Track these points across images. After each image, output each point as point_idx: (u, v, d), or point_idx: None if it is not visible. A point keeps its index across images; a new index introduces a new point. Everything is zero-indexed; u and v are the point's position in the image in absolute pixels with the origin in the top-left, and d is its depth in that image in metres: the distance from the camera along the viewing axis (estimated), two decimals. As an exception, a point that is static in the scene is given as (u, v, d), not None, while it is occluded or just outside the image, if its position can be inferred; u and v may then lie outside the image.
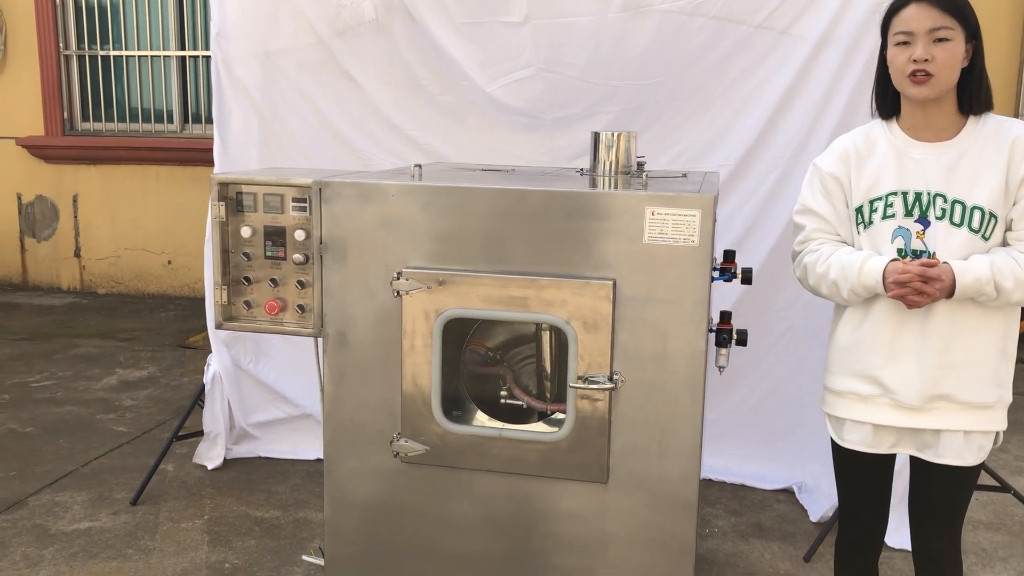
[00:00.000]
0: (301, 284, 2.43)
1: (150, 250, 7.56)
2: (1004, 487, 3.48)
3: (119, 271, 7.68)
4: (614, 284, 2.18)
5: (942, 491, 2.24)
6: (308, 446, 4.14)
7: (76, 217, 7.69)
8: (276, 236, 2.43)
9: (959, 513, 2.27)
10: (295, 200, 2.40)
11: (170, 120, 7.48)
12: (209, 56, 7.21)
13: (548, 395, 2.52)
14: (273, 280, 2.44)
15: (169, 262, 7.55)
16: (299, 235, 2.40)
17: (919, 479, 2.27)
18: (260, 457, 4.12)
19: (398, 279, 2.30)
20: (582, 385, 2.22)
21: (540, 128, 3.80)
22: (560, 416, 2.39)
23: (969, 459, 2.17)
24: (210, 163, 3.91)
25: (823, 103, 3.50)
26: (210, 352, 4.03)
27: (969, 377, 2.11)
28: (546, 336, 2.50)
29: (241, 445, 4.14)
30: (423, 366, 2.32)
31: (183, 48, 7.40)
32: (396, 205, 2.30)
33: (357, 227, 2.33)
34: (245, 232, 2.44)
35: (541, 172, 2.87)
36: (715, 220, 2.18)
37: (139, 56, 7.47)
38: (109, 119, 7.62)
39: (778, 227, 3.62)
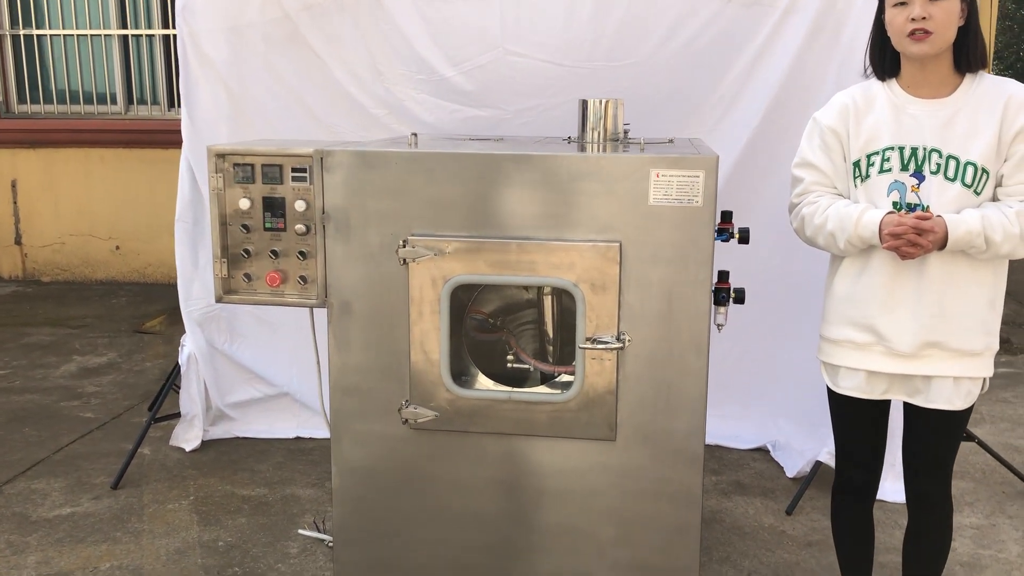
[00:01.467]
0: (302, 255, 2.42)
1: (97, 236, 7.35)
2: (968, 436, 3.65)
3: (64, 258, 7.46)
4: (620, 246, 2.23)
5: (933, 436, 2.36)
6: (285, 425, 4.12)
7: (16, 203, 7.43)
8: (275, 207, 2.42)
9: (949, 457, 2.40)
10: (295, 170, 2.39)
11: (113, 102, 7.26)
12: (153, 35, 7.13)
13: (550, 358, 2.57)
14: (274, 252, 2.43)
15: (117, 247, 7.36)
16: (300, 205, 2.39)
17: (911, 426, 2.38)
18: (238, 437, 4.08)
19: (404, 247, 2.31)
20: (591, 346, 2.26)
21: (503, 114, 3.76)
22: (565, 378, 2.43)
23: (958, 403, 2.28)
24: (157, 145, 3.85)
25: (790, 70, 3.57)
26: (176, 335, 3.95)
27: (961, 326, 2.22)
28: (548, 300, 2.54)
29: (218, 426, 4.10)
30: (431, 333, 2.34)
31: (124, 27, 7.19)
32: (400, 173, 2.30)
33: (360, 196, 2.33)
34: (243, 204, 2.42)
35: (532, 140, 2.89)
36: (717, 181, 2.23)
37: (78, 35, 7.23)
38: (48, 101, 7.37)
39: (748, 193, 3.69)
